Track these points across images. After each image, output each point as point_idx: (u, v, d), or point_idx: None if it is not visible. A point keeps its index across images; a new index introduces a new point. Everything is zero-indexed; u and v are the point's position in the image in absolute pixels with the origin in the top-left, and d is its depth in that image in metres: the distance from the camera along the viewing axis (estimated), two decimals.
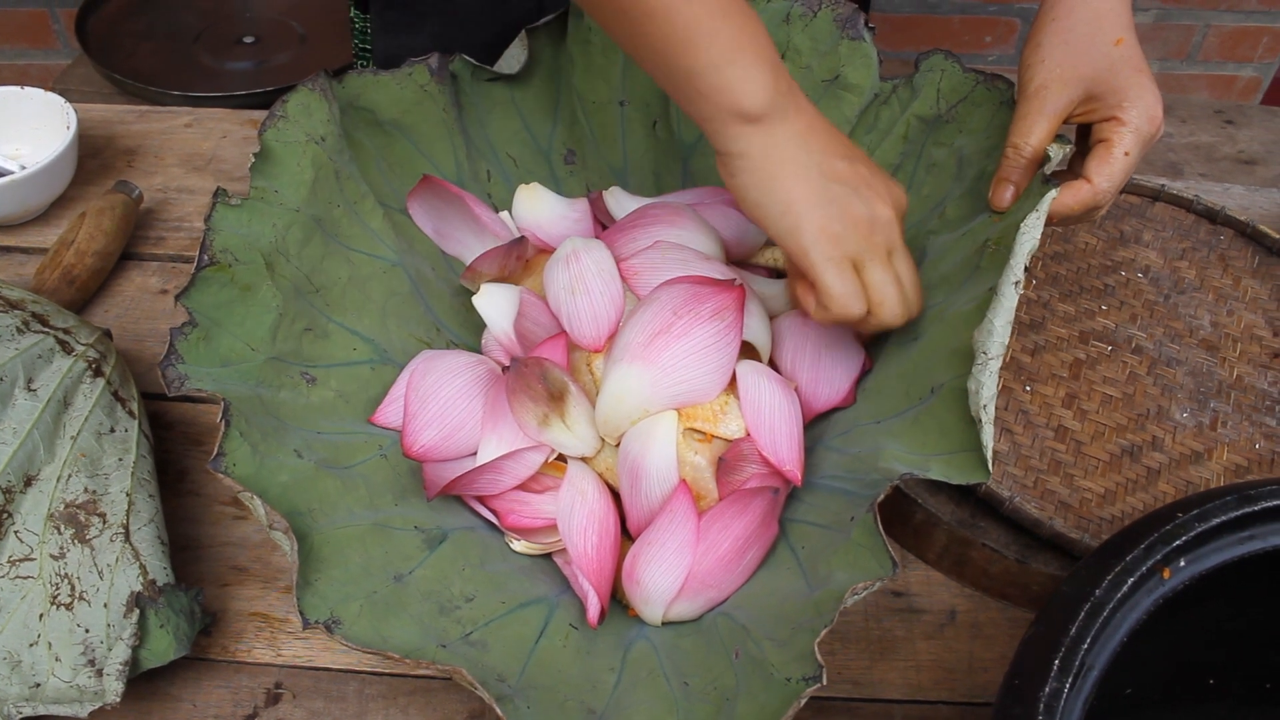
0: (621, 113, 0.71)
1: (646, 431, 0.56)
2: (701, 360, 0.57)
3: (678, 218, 0.64)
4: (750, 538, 0.54)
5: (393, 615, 0.50)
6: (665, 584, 0.54)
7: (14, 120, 0.86)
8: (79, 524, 0.56)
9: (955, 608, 0.61)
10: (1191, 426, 0.65)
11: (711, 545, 0.54)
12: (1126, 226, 0.78)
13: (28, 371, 0.58)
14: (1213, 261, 0.76)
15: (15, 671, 0.53)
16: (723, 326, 0.57)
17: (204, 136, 0.93)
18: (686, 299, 0.57)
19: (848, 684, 0.57)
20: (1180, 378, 0.67)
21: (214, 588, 0.61)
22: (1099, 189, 0.56)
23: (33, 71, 1.81)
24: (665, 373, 0.56)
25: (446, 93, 0.68)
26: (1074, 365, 0.68)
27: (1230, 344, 0.70)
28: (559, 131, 0.72)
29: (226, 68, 1.38)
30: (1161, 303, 0.72)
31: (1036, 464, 0.62)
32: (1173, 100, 1.39)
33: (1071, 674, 0.40)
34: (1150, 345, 0.69)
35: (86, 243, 0.76)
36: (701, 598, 0.55)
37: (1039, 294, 0.72)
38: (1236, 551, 0.44)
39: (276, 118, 0.60)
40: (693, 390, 0.57)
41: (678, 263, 0.61)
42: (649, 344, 0.56)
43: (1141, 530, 0.43)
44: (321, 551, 0.51)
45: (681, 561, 0.54)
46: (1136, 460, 0.63)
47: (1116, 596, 0.41)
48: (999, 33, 1.70)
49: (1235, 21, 1.67)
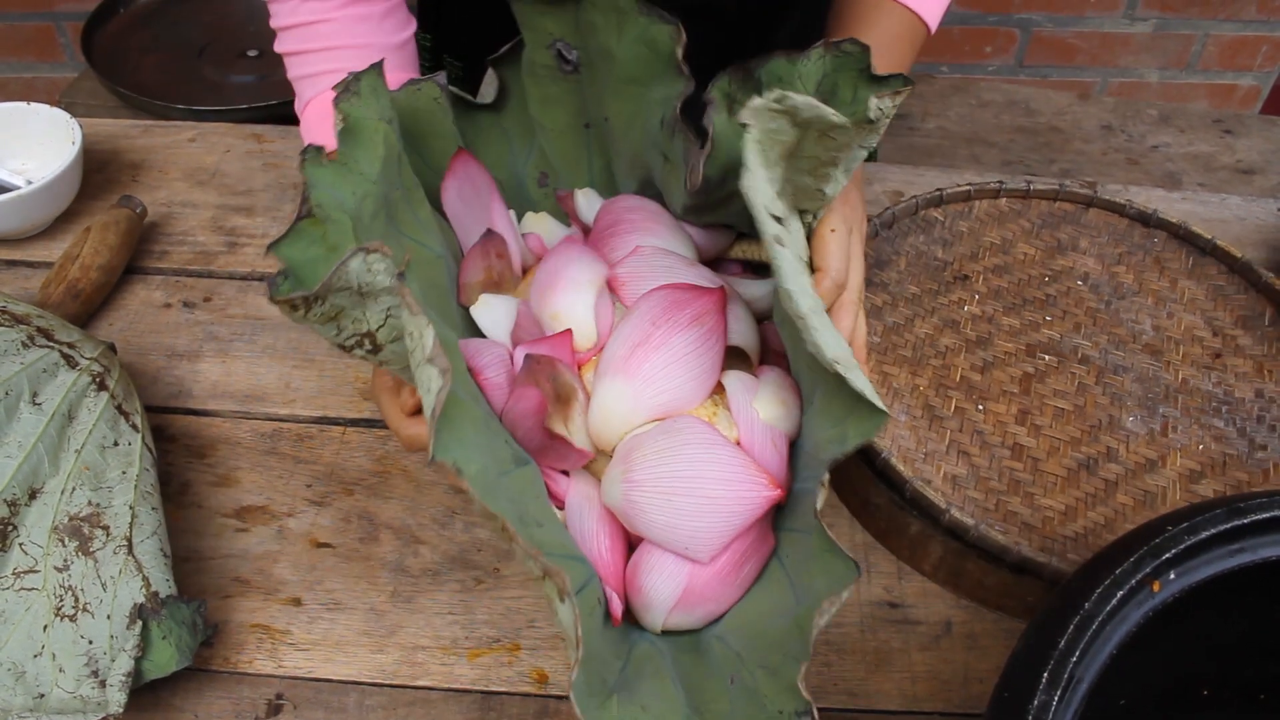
0: (586, 135, 0.70)
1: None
2: (682, 368, 0.56)
3: (652, 222, 0.64)
4: (747, 550, 0.55)
5: (493, 496, 0.49)
6: (665, 593, 0.54)
7: (20, 135, 0.87)
8: (83, 536, 0.57)
9: (951, 619, 0.61)
10: (1143, 434, 0.65)
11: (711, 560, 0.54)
12: (1062, 235, 0.78)
13: (33, 385, 0.59)
14: (1149, 265, 0.76)
15: (19, 682, 0.54)
16: (703, 332, 0.57)
17: (208, 151, 0.93)
18: (665, 307, 0.57)
19: (844, 695, 0.58)
20: (1128, 385, 0.68)
21: (216, 599, 0.62)
22: (829, 271, 0.59)
23: (39, 85, 1.82)
24: (646, 384, 0.56)
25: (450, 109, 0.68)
26: (1024, 380, 0.68)
27: (1173, 347, 0.70)
28: (535, 155, 0.72)
29: (230, 81, 1.39)
30: (1103, 310, 0.73)
31: (996, 485, 0.62)
32: (1172, 110, 1.40)
33: (1060, 686, 0.40)
34: (1096, 354, 0.70)
35: (91, 257, 0.77)
36: (700, 610, 0.55)
37: (983, 309, 0.72)
38: (1227, 564, 0.44)
39: (351, 93, 0.59)
40: (675, 399, 0.57)
41: (662, 269, 0.61)
42: (629, 356, 0.57)
43: (1131, 543, 0.43)
44: (454, 407, 0.49)
45: (681, 571, 0.54)
46: (1094, 473, 0.63)
47: (1106, 609, 0.41)
48: (999, 43, 1.70)
49: (1234, 31, 1.67)
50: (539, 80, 0.68)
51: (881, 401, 0.49)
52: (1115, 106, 1.40)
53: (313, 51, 0.71)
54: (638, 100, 0.64)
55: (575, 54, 0.66)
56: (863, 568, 0.63)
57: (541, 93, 0.69)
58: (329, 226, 0.56)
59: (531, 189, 0.73)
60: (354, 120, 0.59)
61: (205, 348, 0.76)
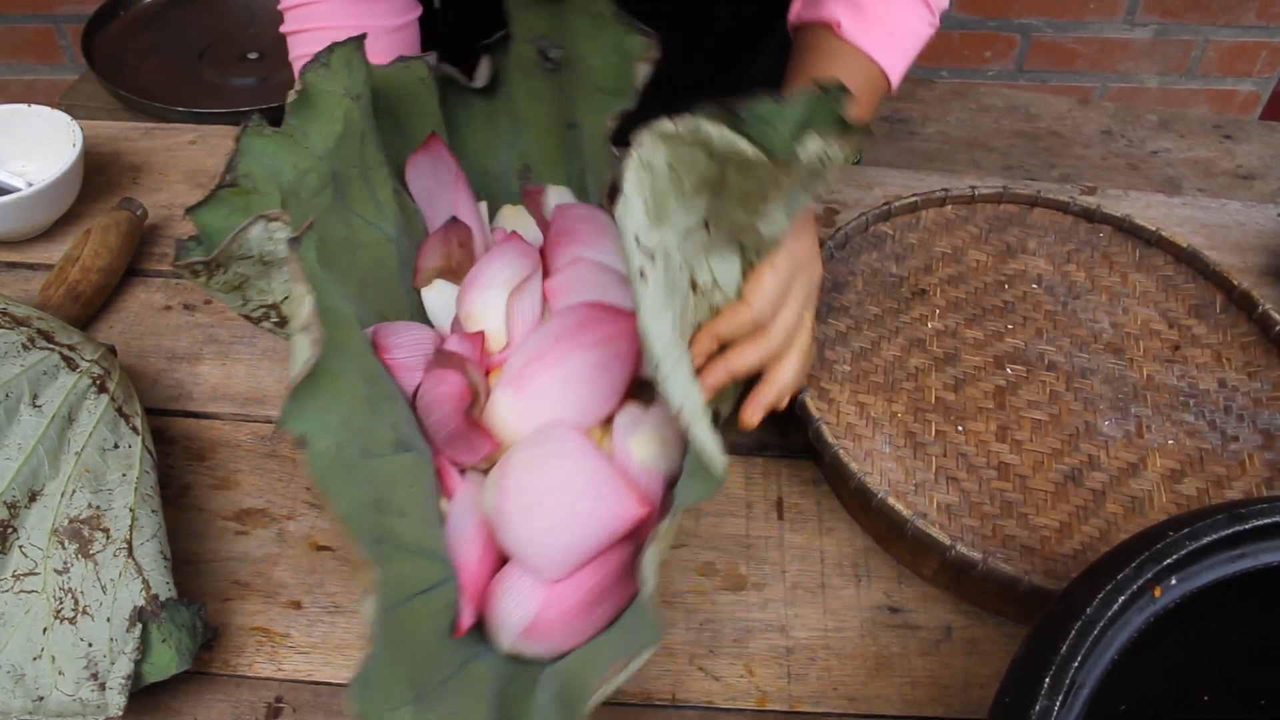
0: (569, 135, 0.69)
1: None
2: (574, 389, 0.54)
3: (599, 236, 0.62)
4: (605, 590, 0.52)
5: (345, 477, 0.48)
6: (516, 617, 0.52)
7: (20, 137, 0.87)
8: (83, 539, 0.56)
9: (951, 624, 0.61)
10: (1120, 437, 0.65)
11: (563, 594, 0.52)
12: (1010, 237, 0.78)
13: (33, 388, 0.59)
14: (1098, 261, 0.76)
15: (19, 685, 0.54)
16: (605, 355, 0.55)
17: (208, 153, 0.93)
18: (574, 325, 0.55)
19: (843, 700, 0.58)
20: (1097, 387, 0.68)
21: (215, 602, 0.62)
22: (752, 305, 0.57)
23: (39, 87, 1.83)
24: (533, 399, 0.55)
25: (438, 91, 0.68)
26: (997, 394, 0.68)
27: (1133, 343, 0.70)
28: (519, 148, 0.72)
29: (231, 84, 1.39)
30: (1060, 311, 0.73)
31: (989, 510, 0.62)
32: (1171, 115, 1.40)
33: (1062, 692, 0.40)
34: (1061, 358, 0.70)
35: (91, 259, 0.77)
36: (546, 643, 0.52)
37: (945, 323, 0.72)
38: (1228, 570, 0.44)
39: (319, 64, 0.59)
40: (561, 419, 0.55)
41: (592, 285, 0.59)
42: (523, 369, 0.55)
43: (1132, 549, 0.44)
44: (320, 379, 0.48)
45: (534, 598, 0.52)
46: (1080, 484, 0.63)
47: (1107, 615, 0.42)
48: (999, 48, 1.71)
49: (1234, 36, 1.68)
50: (525, 74, 0.67)
51: (721, 463, 0.46)
52: (1115, 112, 1.40)
53: (307, 31, 0.71)
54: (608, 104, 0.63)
55: (557, 52, 0.65)
56: (863, 572, 0.63)
57: (527, 86, 0.68)
58: (253, 198, 0.55)
59: (513, 181, 0.73)
60: (313, 91, 0.58)
61: (205, 350, 0.76)
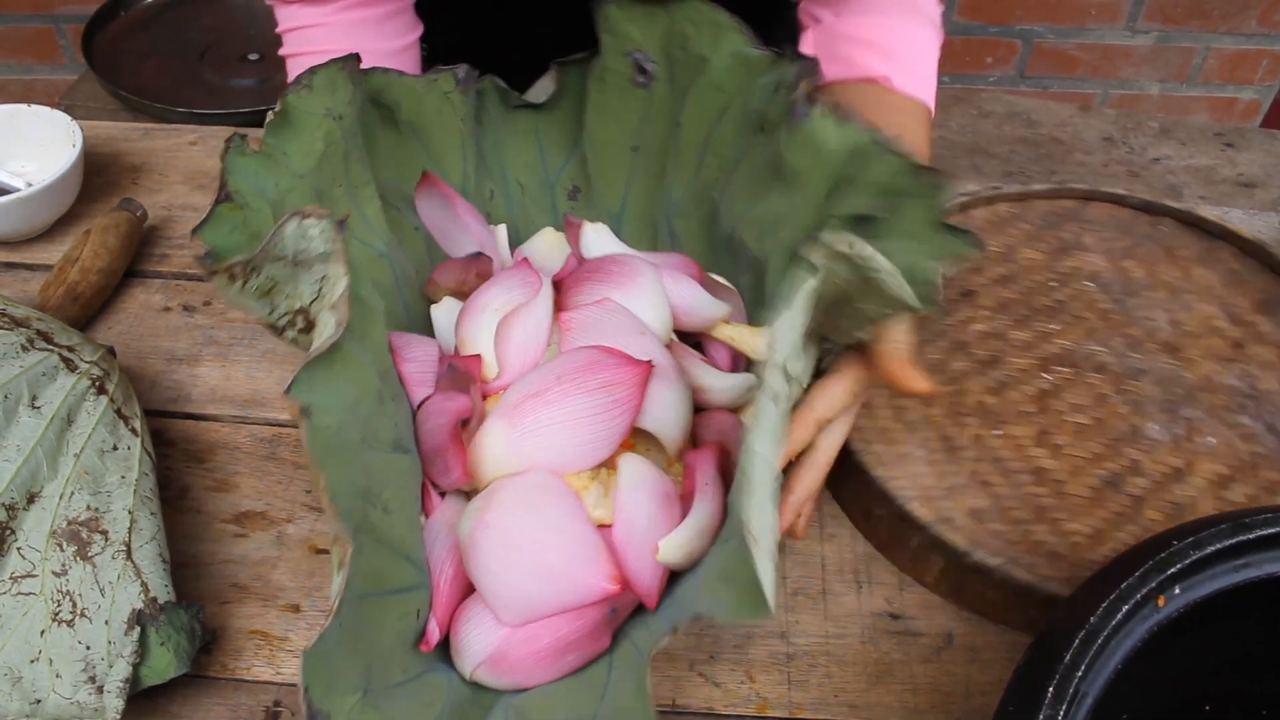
0: (632, 158, 0.69)
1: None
2: (569, 432, 0.54)
3: (633, 280, 0.62)
4: (574, 643, 0.52)
5: (340, 459, 0.48)
6: (476, 648, 0.52)
7: (20, 137, 0.87)
8: (81, 541, 0.56)
9: (953, 631, 0.61)
10: (1167, 441, 0.63)
11: (530, 636, 0.51)
12: (1066, 233, 0.75)
13: (32, 389, 0.59)
14: (1159, 255, 0.73)
15: (16, 688, 0.53)
16: (607, 401, 0.54)
17: (209, 154, 0.93)
18: (580, 366, 0.55)
19: (844, 707, 0.58)
20: (1148, 389, 0.65)
21: (214, 605, 0.61)
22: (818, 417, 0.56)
23: (39, 86, 1.82)
24: (525, 435, 0.54)
25: (468, 105, 0.67)
26: (1039, 397, 0.66)
27: (1191, 341, 0.67)
28: (570, 166, 0.72)
29: (231, 84, 1.39)
30: (1115, 309, 0.70)
31: (1020, 515, 0.60)
32: (1173, 123, 1.40)
33: (1066, 702, 0.40)
34: (1112, 359, 0.67)
35: (91, 260, 0.77)
36: (507, 677, 0.52)
37: (991, 325, 0.70)
38: (1232, 579, 0.44)
39: (301, 85, 0.59)
40: (551, 460, 0.54)
41: (606, 326, 0.59)
42: (519, 404, 0.55)
43: (1136, 558, 0.43)
44: (337, 358, 0.49)
45: (496, 634, 0.52)
46: (1119, 490, 0.61)
47: (1111, 624, 0.41)
48: (1000, 54, 1.71)
49: (1235, 44, 1.68)
50: (604, 88, 0.67)
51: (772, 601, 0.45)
52: (1116, 118, 1.40)
53: (306, 54, 0.71)
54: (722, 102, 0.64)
55: (653, 66, 0.65)
56: (864, 579, 0.63)
57: (603, 101, 0.68)
58: (248, 214, 0.55)
59: (561, 200, 0.73)
60: (293, 112, 0.58)
61: (205, 352, 0.76)
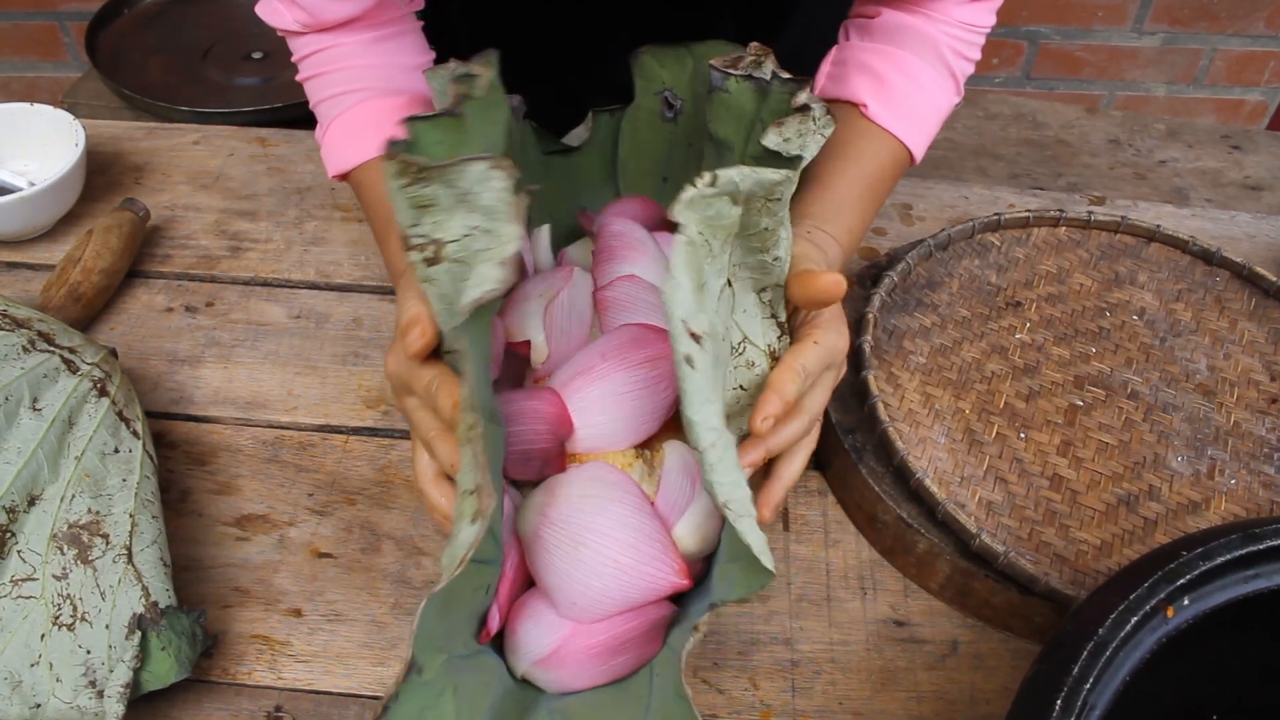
0: (663, 188, 0.72)
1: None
2: (615, 405, 0.54)
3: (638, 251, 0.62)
4: (630, 641, 0.52)
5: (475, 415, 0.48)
6: (534, 645, 0.52)
7: (22, 136, 0.87)
8: (82, 544, 0.56)
9: (958, 638, 0.61)
10: (1189, 475, 0.64)
11: (589, 632, 0.51)
12: (1121, 268, 0.77)
13: (33, 391, 0.59)
14: (1209, 303, 0.75)
15: (16, 692, 0.53)
16: (650, 375, 0.54)
17: (212, 154, 0.93)
18: (623, 343, 0.55)
19: (848, 714, 0.57)
20: (1177, 424, 0.66)
21: (215, 609, 0.61)
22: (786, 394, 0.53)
23: (42, 84, 1.82)
24: (576, 414, 0.54)
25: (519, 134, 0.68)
26: (1069, 411, 0.67)
27: (1227, 389, 0.69)
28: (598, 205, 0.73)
29: (235, 83, 1.39)
30: (1157, 346, 0.71)
31: (1031, 514, 0.61)
32: (1179, 125, 1.39)
33: (1074, 713, 0.39)
34: (1146, 390, 0.68)
35: (93, 260, 0.76)
36: (557, 675, 0.52)
37: (1033, 337, 0.71)
38: (1241, 590, 0.44)
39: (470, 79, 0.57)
40: (598, 435, 0.55)
41: (644, 305, 0.59)
42: (569, 383, 0.55)
43: (1145, 568, 0.43)
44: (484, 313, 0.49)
45: (557, 632, 0.52)
46: (1133, 510, 0.62)
47: (1120, 635, 0.41)
48: (1006, 55, 1.70)
49: (1242, 46, 1.67)
50: (636, 126, 0.72)
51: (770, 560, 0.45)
52: (1123, 120, 1.40)
53: (330, 72, 0.70)
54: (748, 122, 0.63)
55: (680, 102, 0.70)
56: (869, 585, 0.63)
57: (636, 138, 0.73)
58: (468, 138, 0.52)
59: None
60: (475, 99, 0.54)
61: (207, 353, 0.76)
